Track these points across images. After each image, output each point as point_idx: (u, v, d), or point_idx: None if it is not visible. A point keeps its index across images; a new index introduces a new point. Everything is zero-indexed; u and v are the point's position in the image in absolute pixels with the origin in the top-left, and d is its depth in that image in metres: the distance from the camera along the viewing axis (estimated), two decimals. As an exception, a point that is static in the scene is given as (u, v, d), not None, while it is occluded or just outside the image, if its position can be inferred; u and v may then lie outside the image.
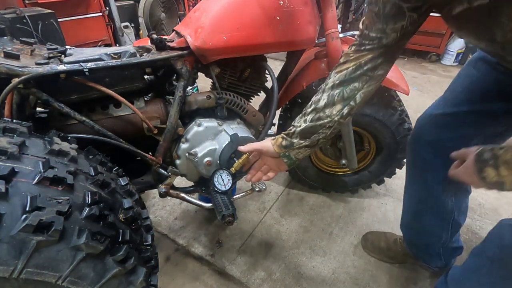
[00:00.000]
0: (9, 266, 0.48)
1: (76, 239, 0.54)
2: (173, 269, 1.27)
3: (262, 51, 1.03)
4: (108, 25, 3.23)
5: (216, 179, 0.99)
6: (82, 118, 0.86)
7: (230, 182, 1.00)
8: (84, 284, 0.56)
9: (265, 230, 1.45)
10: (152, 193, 1.67)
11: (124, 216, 0.67)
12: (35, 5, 2.61)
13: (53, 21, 2.41)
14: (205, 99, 1.06)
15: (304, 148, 0.81)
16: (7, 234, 0.48)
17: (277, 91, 1.14)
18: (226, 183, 1.00)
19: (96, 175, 0.67)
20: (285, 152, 0.82)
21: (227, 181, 1.00)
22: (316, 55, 1.24)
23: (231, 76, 1.09)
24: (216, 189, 0.99)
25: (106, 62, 0.86)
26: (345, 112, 0.75)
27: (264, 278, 1.23)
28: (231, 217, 0.95)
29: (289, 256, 1.32)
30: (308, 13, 1.01)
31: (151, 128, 0.97)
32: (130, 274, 0.63)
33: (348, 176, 1.58)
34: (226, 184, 0.99)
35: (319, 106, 0.76)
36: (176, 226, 1.48)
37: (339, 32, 1.11)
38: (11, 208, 0.50)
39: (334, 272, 1.25)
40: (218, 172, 0.99)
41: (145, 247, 0.72)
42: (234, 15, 0.93)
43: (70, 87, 0.87)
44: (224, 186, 0.99)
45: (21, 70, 0.76)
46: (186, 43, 0.95)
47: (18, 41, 0.99)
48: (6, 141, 0.58)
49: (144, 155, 0.97)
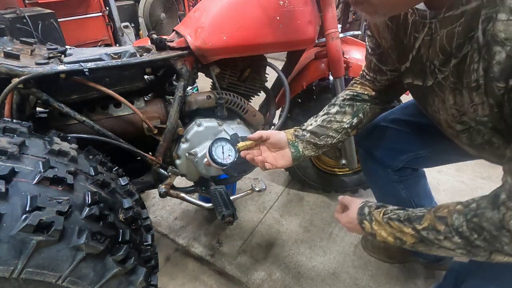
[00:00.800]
0: (9, 266, 0.48)
1: (76, 239, 0.53)
2: (173, 269, 1.27)
3: (262, 51, 1.03)
4: (108, 25, 3.23)
5: (215, 148, 0.82)
6: (82, 118, 0.86)
7: (231, 158, 0.84)
8: (84, 284, 0.56)
9: (265, 230, 1.45)
10: (152, 193, 1.67)
11: (124, 216, 0.67)
12: (35, 5, 2.61)
13: (53, 21, 2.41)
14: (205, 99, 1.06)
15: (311, 145, 0.84)
16: (7, 234, 0.48)
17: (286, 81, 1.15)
18: (225, 157, 0.85)
19: (96, 175, 0.67)
20: (295, 142, 0.84)
21: (227, 156, 0.84)
22: (316, 55, 1.24)
23: (231, 76, 1.09)
24: (212, 157, 0.82)
25: (106, 62, 0.86)
26: (354, 122, 0.84)
27: (264, 278, 1.23)
28: (231, 217, 0.94)
29: (289, 256, 1.32)
30: (308, 13, 1.01)
31: (151, 128, 0.97)
32: (130, 274, 0.63)
33: (348, 176, 1.58)
34: (225, 159, 0.84)
35: (331, 112, 0.85)
36: (176, 226, 1.48)
37: (339, 32, 1.12)
38: (11, 208, 0.50)
39: (334, 272, 1.25)
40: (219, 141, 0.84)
41: (145, 247, 0.72)
42: (234, 15, 0.93)
43: (70, 87, 0.87)
44: (222, 159, 0.83)
45: (21, 70, 0.76)
46: (186, 43, 0.95)
47: (18, 41, 0.99)
48: (6, 141, 0.58)
49: (144, 155, 0.97)
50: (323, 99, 1.31)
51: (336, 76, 1.16)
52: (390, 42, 0.68)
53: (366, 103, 0.84)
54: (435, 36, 0.52)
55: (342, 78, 1.17)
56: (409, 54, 0.62)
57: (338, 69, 1.15)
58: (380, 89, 0.85)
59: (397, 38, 0.65)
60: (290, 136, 0.85)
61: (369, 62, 0.85)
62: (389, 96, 0.87)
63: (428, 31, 0.53)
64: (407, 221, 0.61)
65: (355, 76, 1.20)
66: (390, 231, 0.63)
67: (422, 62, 0.58)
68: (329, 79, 1.27)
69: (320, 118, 0.85)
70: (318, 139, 0.84)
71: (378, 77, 0.83)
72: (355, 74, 1.20)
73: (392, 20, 0.64)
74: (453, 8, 0.46)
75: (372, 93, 0.85)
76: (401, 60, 0.67)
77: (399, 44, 0.65)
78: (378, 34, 0.73)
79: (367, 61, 0.86)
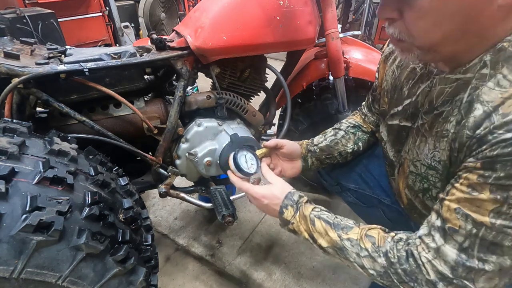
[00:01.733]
0: (9, 266, 0.48)
1: (76, 239, 0.54)
2: (173, 269, 1.27)
3: (262, 51, 1.03)
4: (108, 25, 3.23)
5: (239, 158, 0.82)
6: (82, 118, 0.86)
7: (254, 167, 0.84)
8: (84, 284, 0.56)
9: (265, 230, 1.45)
10: (152, 193, 1.67)
11: (124, 216, 0.67)
12: (35, 5, 2.61)
13: (53, 21, 2.41)
14: (205, 99, 1.06)
15: (318, 160, 0.93)
16: (7, 234, 0.48)
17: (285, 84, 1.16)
18: (249, 166, 0.83)
19: (96, 175, 0.67)
20: (306, 156, 0.92)
21: (251, 165, 0.84)
22: (316, 55, 1.24)
23: (231, 76, 1.09)
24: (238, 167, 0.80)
25: (106, 62, 0.86)
26: (355, 149, 0.92)
27: (264, 278, 1.23)
28: (231, 217, 0.94)
29: (289, 256, 1.32)
30: (308, 13, 1.01)
31: (151, 128, 0.97)
32: (130, 274, 0.63)
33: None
34: (249, 168, 0.83)
35: (338, 135, 0.92)
36: (176, 226, 1.48)
37: (339, 32, 1.12)
38: (11, 208, 0.50)
39: (334, 272, 1.25)
40: (241, 151, 0.84)
41: (145, 247, 0.72)
42: (234, 15, 0.93)
43: (70, 87, 0.87)
44: (247, 168, 0.82)
45: (21, 70, 0.76)
46: (186, 43, 0.95)
47: (18, 41, 0.99)
48: (6, 141, 0.58)
49: (144, 155, 0.97)
50: (323, 99, 1.31)
51: (336, 76, 1.17)
52: (389, 86, 0.77)
53: (366, 135, 0.94)
54: (433, 89, 0.60)
55: (342, 78, 1.17)
56: (406, 99, 0.69)
57: (338, 69, 1.15)
58: (371, 128, 0.95)
59: (396, 84, 0.73)
60: (304, 150, 0.92)
61: (367, 98, 0.94)
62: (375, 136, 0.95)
63: (429, 84, 0.62)
64: (335, 226, 0.64)
65: (355, 76, 1.21)
66: (311, 228, 0.66)
67: (416, 107, 0.65)
68: (329, 79, 1.27)
69: (329, 138, 0.92)
70: (325, 157, 0.92)
71: (369, 115, 0.93)
72: (355, 74, 1.20)
73: (401, 69, 0.72)
74: (452, 72, 0.55)
75: (369, 129, 0.94)
76: (392, 104, 0.75)
77: (397, 90, 0.73)
78: (383, 74, 0.81)
79: (367, 97, 0.94)
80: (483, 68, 0.49)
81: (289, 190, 0.72)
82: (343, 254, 0.62)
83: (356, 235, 0.61)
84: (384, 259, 0.57)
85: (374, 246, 0.59)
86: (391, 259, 0.56)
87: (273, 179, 0.75)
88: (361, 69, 1.19)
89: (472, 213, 0.47)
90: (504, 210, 0.44)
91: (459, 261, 0.48)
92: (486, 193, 0.45)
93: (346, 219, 0.66)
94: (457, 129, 0.52)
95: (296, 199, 0.70)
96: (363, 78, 1.19)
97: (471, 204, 0.47)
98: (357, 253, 0.60)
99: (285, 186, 0.73)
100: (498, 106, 0.45)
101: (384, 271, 0.57)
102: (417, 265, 0.53)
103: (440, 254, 0.51)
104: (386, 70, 0.79)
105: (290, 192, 0.71)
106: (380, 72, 0.83)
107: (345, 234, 0.62)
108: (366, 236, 0.60)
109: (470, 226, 0.47)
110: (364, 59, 1.23)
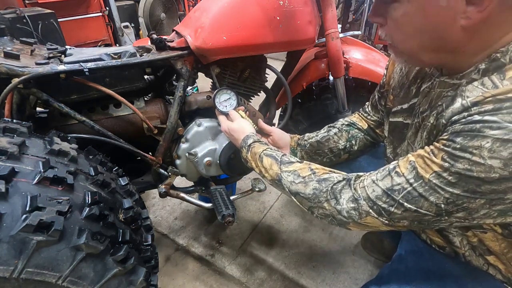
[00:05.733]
0: (9, 266, 0.48)
1: (76, 239, 0.54)
2: (173, 269, 1.27)
3: (262, 51, 1.03)
4: (108, 25, 3.23)
5: (219, 96, 0.96)
6: (82, 118, 0.86)
7: (228, 108, 0.97)
8: (84, 284, 0.56)
9: (265, 230, 1.46)
10: (152, 193, 1.67)
11: (124, 216, 0.67)
12: (35, 5, 2.61)
13: (53, 21, 2.41)
14: (205, 99, 1.06)
15: (308, 155, 0.97)
16: (7, 234, 0.48)
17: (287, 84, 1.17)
18: (227, 105, 0.98)
19: (96, 175, 0.67)
20: (295, 149, 0.98)
21: (229, 105, 0.98)
22: (316, 55, 1.24)
23: (231, 76, 1.08)
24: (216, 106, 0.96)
25: (106, 62, 0.86)
26: (347, 146, 0.95)
27: (264, 278, 1.23)
28: (231, 217, 0.94)
29: (289, 256, 1.32)
30: (308, 13, 1.01)
31: (151, 128, 0.97)
32: (130, 274, 0.63)
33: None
34: (225, 106, 0.97)
35: (331, 133, 0.96)
36: (176, 226, 1.48)
37: (339, 32, 1.12)
38: (11, 208, 0.50)
39: (334, 272, 1.25)
40: (224, 90, 0.97)
41: (145, 247, 0.72)
42: (234, 15, 0.93)
43: (70, 87, 0.87)
44: (225, 107, 0.97)
45: (21, 70, 0.76)
46: (186, 43, 0.95)
47: (18, 41, 0.99)
48: (6, 141, 0.58)
49: (144, 155, 0.97)
50: (323, 99, 1.31)
51: (336, 76, 1.16)
52: (396, 83, 0.79)
53: (360, 133, 0.95)
54: (432, 90, 0.63)
55: (342, 78, 1.17)
56: (412, 98, 0.71)
57: (338, 69, 1.15)
58: (370, 126, 0.96)
59: (403, 82, 0.75)
60: (293, 143, 0.99)
61: (373, 96, 0.94)
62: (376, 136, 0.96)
63: (430, 85, 0.64)
64: (280, 162, 0.72)
65: (355, 76, 1.21)
66: (259, 164, 0.77)
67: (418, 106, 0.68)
68: (329, 79, 1.27)
69: (321, 135, 0.97)
70: (314, 153, 0.97)
71: (372, 113, 0.94)
72: (355, 74, 1.20)
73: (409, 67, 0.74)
74: (450, 77, 0.58)
75: (365, 126, 0.96)
76: (397, 101, 0.77)
77: (403, 88, 0.75)
78: (391, 72, 0.83)
79: (372, 95, 0.95)
80: (475, 74, 0.52)
81: (247, 134, 0.85)
82: (281, 184, 0.70)
83: (298, 168, 0.69)
84: (317, 184, 0.64)
85: (313, 175, 0.66)
86: (324, 182, 0.63)
87: (235, 117, 0.92)
88: (361, 69, 1.19)
89: (419, 167, 0.52)
90: (444, 176, 0.48)
91: (381, 196, 0.55)
92: (438, 158, 0.49)
93: (295, 158, 0.73)
94: (435, 120, 0.56)
95: (249, 142, 0.82)
96: (363, 78, 1.19)
97: (423, 161, 0.52)
98: (292, 181, 0.67)
99: (246, 129, 0.87)
100: (477, 102, 0.47)
101: (313, 192, 0.63)
102: (348, 185, 0.60)
103: (373, 185, 0.57)
104: (394, 67, 0.81)
105: (246, 136, 0.85)
106: (389, 70, 0.84)
107: (285, 167, 0.70)
108: (309, 169, 0.67)
109: (411, 176, 0.53)
110: (364, 59, 1.22)
